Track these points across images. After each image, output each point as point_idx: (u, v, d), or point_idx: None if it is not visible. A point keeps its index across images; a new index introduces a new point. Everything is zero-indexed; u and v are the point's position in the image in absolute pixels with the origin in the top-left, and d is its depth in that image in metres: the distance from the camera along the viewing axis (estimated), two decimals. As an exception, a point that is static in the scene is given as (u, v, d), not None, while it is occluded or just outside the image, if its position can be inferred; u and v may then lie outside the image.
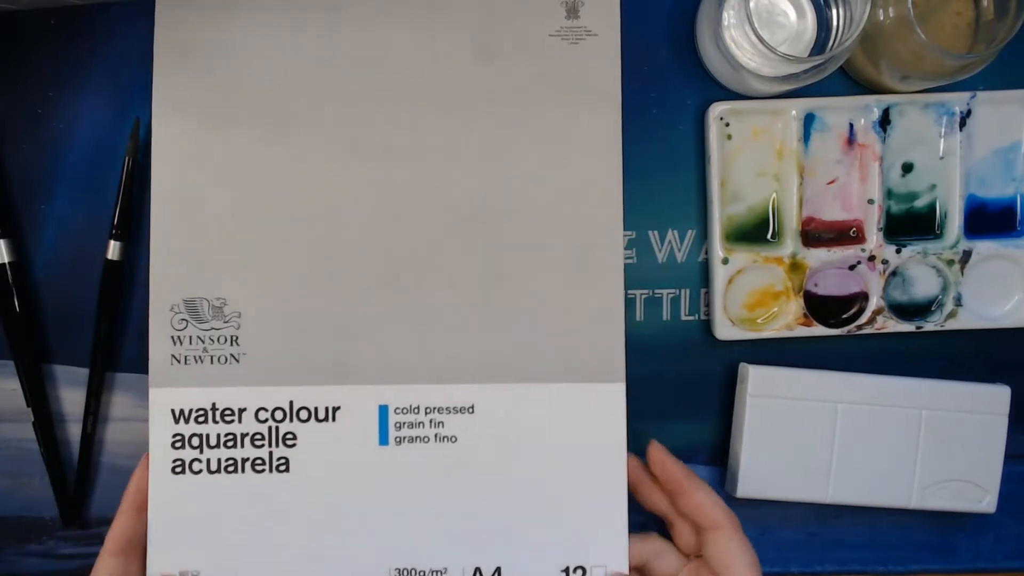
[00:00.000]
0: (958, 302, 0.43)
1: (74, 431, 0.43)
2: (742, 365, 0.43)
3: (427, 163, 0.40)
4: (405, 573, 0.39)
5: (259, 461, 0.39)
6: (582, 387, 0.40)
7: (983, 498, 0.43)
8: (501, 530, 0.39)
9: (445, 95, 0.40)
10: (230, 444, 0.39)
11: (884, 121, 0.42)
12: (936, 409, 0.43)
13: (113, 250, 0.41)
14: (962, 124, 0.43)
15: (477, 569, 0.40)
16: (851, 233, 0.43)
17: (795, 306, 0.43)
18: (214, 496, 0.39)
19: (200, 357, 0.39)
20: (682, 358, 0.44)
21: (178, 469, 0.38)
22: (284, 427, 0.39)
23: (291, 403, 0.39)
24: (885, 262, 0.43)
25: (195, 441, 0.38)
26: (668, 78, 0.43)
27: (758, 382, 0.42)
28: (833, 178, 0.43)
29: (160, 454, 0.38)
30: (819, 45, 0.41)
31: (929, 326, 0.43)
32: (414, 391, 0.39)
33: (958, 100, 0.42)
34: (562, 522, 0.40)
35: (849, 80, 0.43)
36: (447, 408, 0.39)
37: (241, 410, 0.39)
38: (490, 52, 0.40)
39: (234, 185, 0.39)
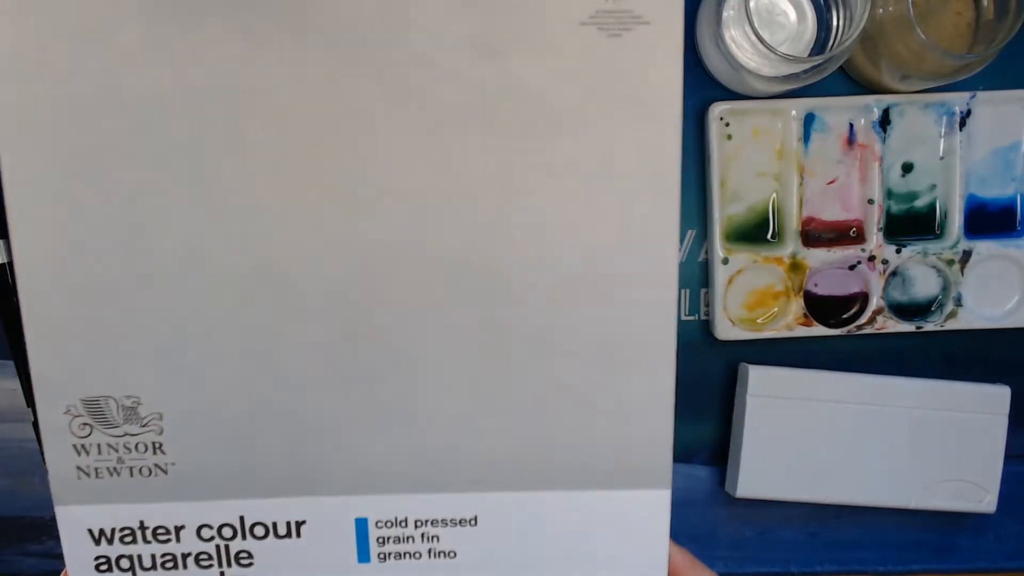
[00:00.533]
0: (958, 302, 0.43)
1: (74, 431, 0.43)
2: (742, 365, 0.43)
3: (407, 207, 0.29)
4: None
5: None
6: (615, 496, 0.31)
7: (983, 498, 0.43)
8: None
9: (429, 110, 0.28)
10: (169, 565, 0.31)
11: (884, 121, 0.42)
12: (936, 409, 0.43)
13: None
14: (962, 124, 0.43)
15: None
16: (851, 233, 0.43)
17: (795, 306, 0.43)
18: None
19: (116, 469, 0.30)
20: (682, 358, 0.44)
21: None
22: (236, 545, 0.31)
23: (241, 519, 0.31)
24: (885, 262, 0.43)
25: (124, 564, 0.31)
26: (668, 78, 0.43)
27: (758, 382, 0.42)
28: (833, 178, 0.43)
29: None
30: (819, 45, 0.41)
31: (929, 326, 0.43)
32: (399, 502, 0.31)
33: (958, 100, 0.42)
34: None
35: (849, 80, 0.43)
36: (443, 520, 0.32)
37: (178, 528, 0.31)
38: (493, 46, 0.28)
39: (130, 243, 0.28)
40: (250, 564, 0.32)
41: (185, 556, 0.31)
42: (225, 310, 0.29)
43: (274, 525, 0.31)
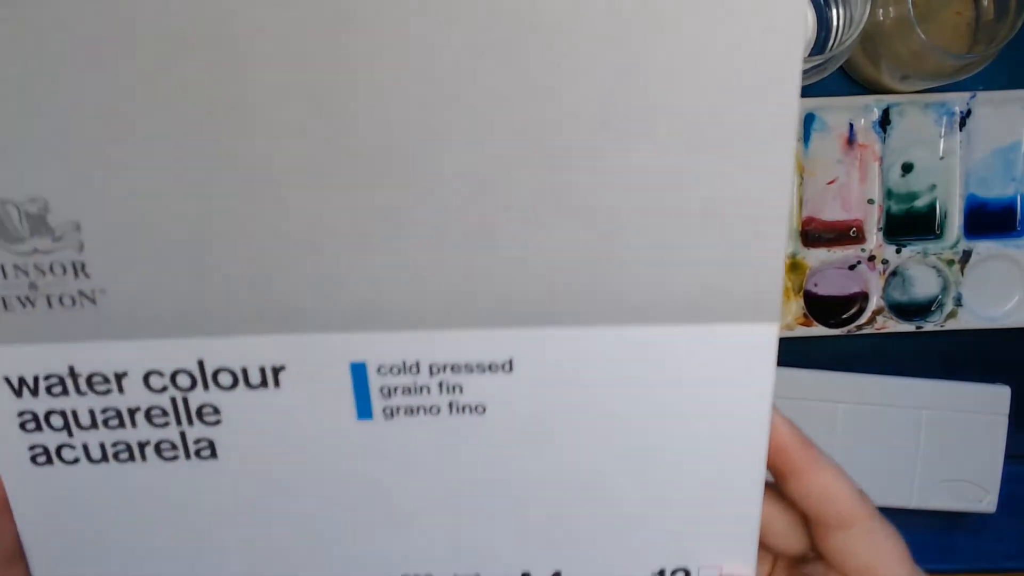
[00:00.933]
0: (958, 302, 0.43)
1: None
2: (742, 365, 0.43)
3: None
4: None
5: (167, 445, 0.24)
6: (707, 332, 0.23)
7: (983, 498, 0.43)
8: (561, 525, 0.25)
9: None
10: (113, 424, 0.24)
11: (884, 121, 0.42)
12: (936, 409, 0.43)
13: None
14: (962, 124, 0.43)
15: (525, 574, 0.26)
16: (851, 233, 0.43)
17: (795, 306, 0.43)
18: (107, 494, 0.25)
19: (29, 299, 0.23)
20: (682, 358, 0.44)
21: (41, 459, 0.25)
22: (196, 396, 0.24)
23: (200, 363, 0.23)
24: (885, 262, 0.43)
25: (56, 421, 0.24)
26: (668, 78, 0.43)
27: (758, 382, 0.42)
28: (833, 178, 0.43)
29: (6, 441, 0.24)
30: (819, 45, 0.41)
31: (929, 326, 0.43)
32: (407, 341, 0.23)
33: (958, 100, 0.42)
34: (656, 512, 0.25)
35: (849, 80, 0.43)
36: (467, 365, 0.23)
37: (119, 375, 0.24)
38: None
39: None
40: (217, 422, 0.24)
41: (132, 411, 0.24)
42: (157, 79, 0.20)
43: (244, 372, 0.24)
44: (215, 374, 0.24)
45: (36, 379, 0.24)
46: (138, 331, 0.23)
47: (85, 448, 0.25)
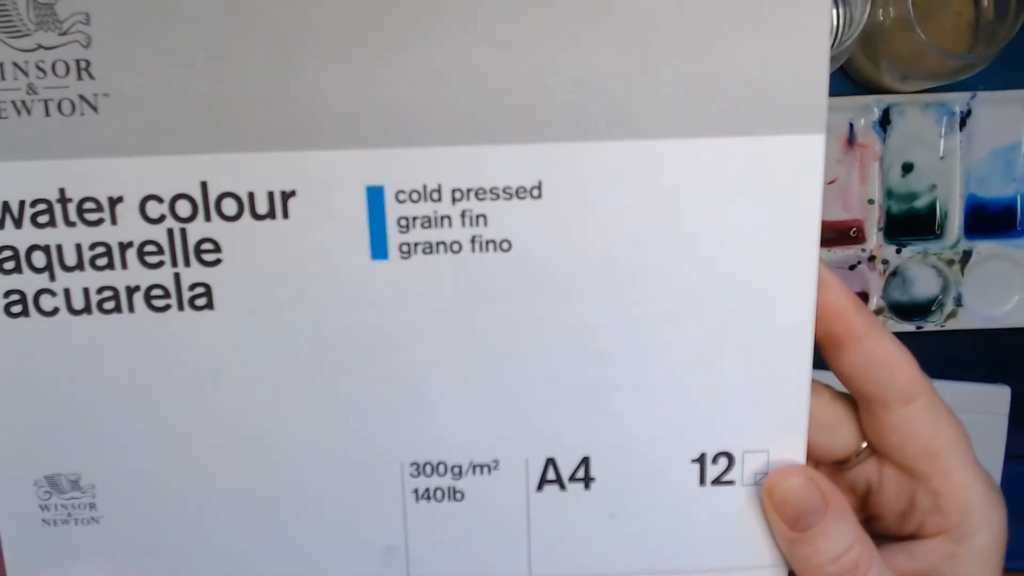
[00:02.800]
0: (958, 302, 0.43)
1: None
2: (742, 365, 0.43)
3: None
4: (427, 469, 0.23)
5: (158, 292, 0.21)
6: (747, 143, 0.20)
7: (983, 498, 0.43)
8: (589, 398, 0.22)
9: None
10: (102, 264, 0.21)
11: (884, 121, 0.42)
12: (936, 409, 0.43)
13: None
14: (962, 124, 0.43)
15: (550, 461, 0.23)
16: (851, 233, 0.43)
17: (795, 306, 0.43)
18: (86, 355, 0.22)
19: (25, 104, 0.21)
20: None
21: (16, 308, 0.21)
22: (196, 229, 0.21)
23: (204, 185, 0.21)
24: (885, 262, 0.43)
25: (38, 260, 0.21)
26: (668, 78, 0.43)
27: (758, 382, 0.42)
28: (833, 178, 0.43)
29: None
30: (819, 45, 0.41)
31: (929, 326, 0.43)
32: (429, 158, 0.21)
33: (958, 100, 0.42)
34: (695, 383, 0.22)
35: (849, 80, 0.43)
36: (491, 189, 0.21)
37: (114, 200, 0.21)
38: None
39: None
40: (217, 262, 0.21)
41: (124, 247, 0.21)
42: None
43: (250, 197, 0.21)
44: (218, 200, 0.21)
45: (22, 205, 0.21)
46: (138, 147, 0.21)
47: (67, 295, 0.21)
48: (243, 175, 0.21)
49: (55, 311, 0.21)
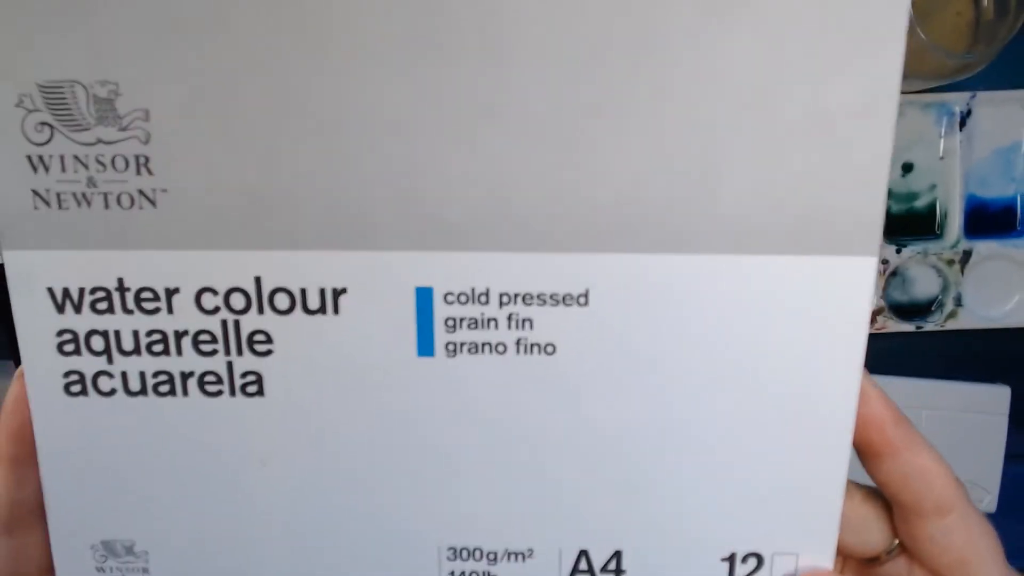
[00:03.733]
0: (958, 302, 0.43)
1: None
2: (742, 365, 0.43)
3: None
4: (464, 555, 0.23)
5: (211, 379, 0.22)
6: (802, 264, 0.21)
7: (983, 498, 0.43)
8: (625, 495, 0.23)
9: None
10: (158, 349, 0.22)
11: (884, 121, 0.42)
12: (936, 409, 0.43)
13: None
14: (962, 124, 0.43)
15: (583, 553, 0.23)
16: (851, 233, 0.43)
17: (795, 306, 0.43)
18: (142, 433, 0.23)
19: (85, 196, 0.21)
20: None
21: (75, 388, 0.22)
22: (249, 321, 0.22)
23: (258, 280, 0.22)
24: (885, 262, 0.43)
25: (97, 344, 0.22)
26: (668, 78, 0.43)
27: (758, 382, 0.42)
28: (833, 178, 0.43)
29: (40, 365, 0.22)
30: (819, 45, 0.41)
31: (929, 326, 0.43)
32: (478, 263, 0.21)
33: (958, 100, 0.42)
34: (730, 485, 0.22)
35: (849, 80, 0.43)
36: (539, 295, 0.21)
37: (171, 291, 0.22)
38: None
39: None
40: (268, 352, 0.22)
41: (180, 335, 0.22)
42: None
43: (303, 293, 0.22)
44: (271, 295, 0.22)
45: (82, 292, 0.22)
46: (195, 241, 0.22)
47: (124, 377, 0.22)
48: (295, 272, 0.21)
49: (112, 392, 0.22)
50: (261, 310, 0.22)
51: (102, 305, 0.22)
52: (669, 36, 0.19)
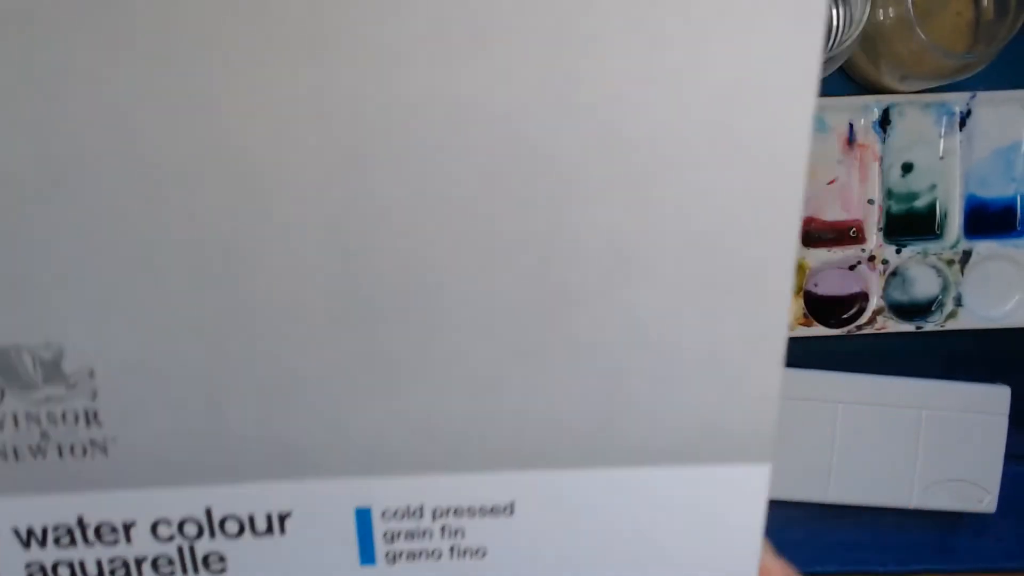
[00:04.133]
0: (958, 302, 0.43)
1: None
2: (742, 365, 0.43)
3: (422, 71, 0.20)
4: None
5: None
6: (700, 472, 0.23)
7: (983, 498, 0.43)
8: None
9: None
10: (119, 573, 0.24)
11: (884, 121, 0.42)
12: (936, 409, 0.43)
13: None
14: (962, 124, 0.43)
15: None
16: (851, 233, 0.43)
17: (795, 306, 0.43)
18: None
19: (40, 448, 0.23)
20: (682, 358, 0.44)
21: None
22: (203, 546, 0.24)
23: (208, 511, 0.24)
24: (885, 262, 0.43)
25: (63, 572, 0.24)
26: (668, 78, 0.43)
27: (758, 382, 0.42)
28: (833, 178, 0.43)
29: None
30: (819, 45, 0.41)
31: (929, 326, 0.43)
32: (411, 485, 0.24)
33: (958, 100, 0.42)
34: None
35: (849, 80, 0.43)
36: (468, 509, 0.24)
37: (127, 525, 0.24)
38: None
39: (43, 122, 0.20)
40: (222, 570, 0.24)
41: (140, 561, 0.24)
42: (170, 218, 0.21)
43: (250, 519, 0.23)
44: (222, 522, 0.24)
45: (44, 530, 0.24)
46: (147, 480, 0.23)
47: None
48: (243, 501, 0.23)
49: None
50: (213, 535, 0.24)
51: (65, 540, 0.24)
52: (578, 297, 0.21)
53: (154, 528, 0.24)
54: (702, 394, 0.22)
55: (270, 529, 0.24)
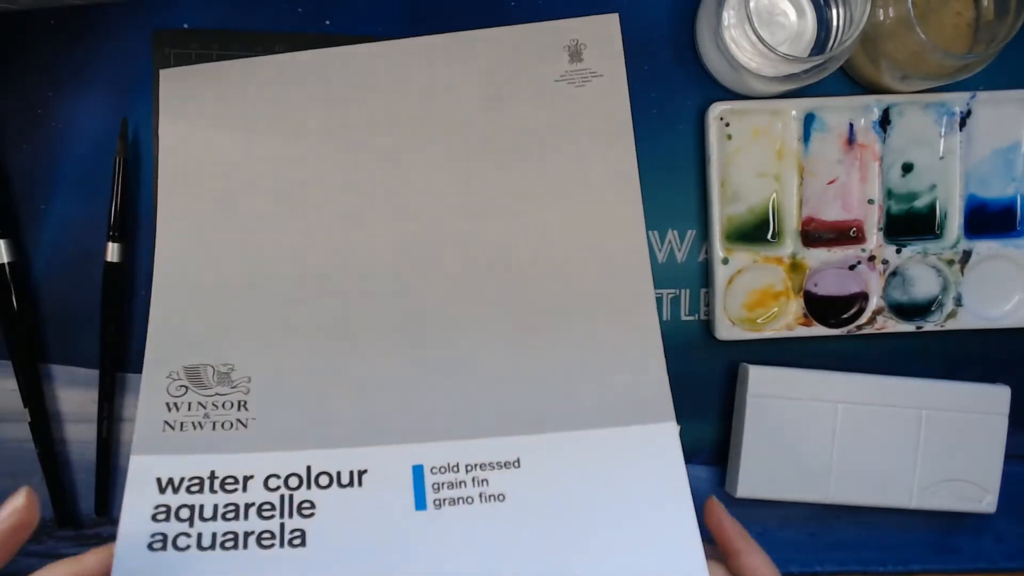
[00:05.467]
0: (958, 302, 0.43)
1: (73, 431, 0.43)
2: (742, 365, 0.43)
3: (443, 214, 0.39)
4: None
5: (267, 535, 0.32)
6: (631, 431, 0.36)
7: (983, 498, 0.43)
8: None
9: (456, 145, 0.39)
10: (230, 516, 0.32)
11: (884, 121, 0.42)
12: (936, 409, 0.43)
13: (112, 252, 0.41)
14: (962, 124, 0.43)
15: None
16: (851, 233, 0.43)
17: (795, 306, 0.43)
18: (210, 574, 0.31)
19: (200, 423, 0.34)
20: (682, 358, 0.44)
21: (157, 545, 0.31)
22: (300, 495, 0.33)
23: (308, 468, 0.34)
24: (885, 262, 0.43)
25: (184, 513, 0.32)
26: (668, 78, 0.43)
27: (758, 382, 0.42)
28: (833, 178, 0.43)
29: (133, 529, 0.31)
30: (819, 45, 0.41)
31: (929, 326, 0.43)
32: (451, 448, 0.35)
33: (958, 100, 0.42)
34: None
35: (849, 80, 0.43)
36: (490, 464, 0.35)
37: (247, 477, 0.33)
38: (498, 100, 0.40)
39: (243, 248, 0.38)
40: (311, 515, 0.32)
41: (248, 506, 0.32)
42: (306, 295, 0.37)
43: (338, 474, 0.33)
44: (317, 476, 0.34)
45: (182, 480, 0.32)
46: (269, 446, 0.34)
47: (199, 537, 0.31)
48: (335, 461, 0.34)
49: (187, 547, 0.31)
50: (309, 486, 0.33)
51: (195, 487, 0.32)
52: (545, 333, 0.39)
53: (267, 480, 0.33)
54: (620, 380, 0.37)
55: (351, 482, 0.34)
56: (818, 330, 0.43)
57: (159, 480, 0.32)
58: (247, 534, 0.31)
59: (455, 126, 0.39)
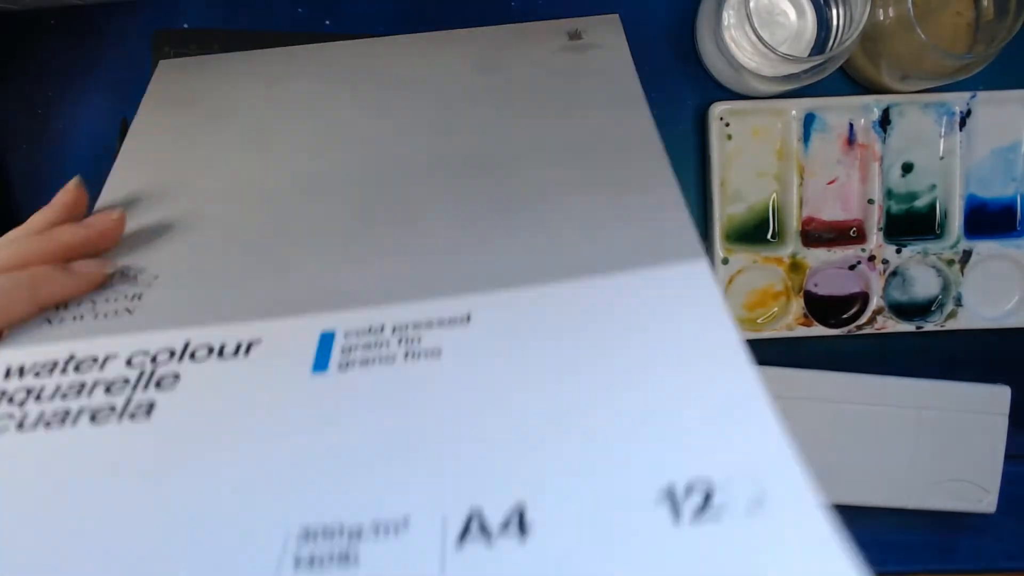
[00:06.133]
0: (958, 302, 0.43)
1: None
2: (742, 365, 0.43)
3: (425, 135, 0.35)
4: (319, 535, 0.19)
5: (106, 410, 0.25)
6: (655, 273, 0.25)
7: (983, 498, 0.43)
8: (521, 440, 0.21)
9: (448, 99, 0.37)
10: (70, 395, 0.25)
11: (884, 121, 0.42)
12: (936, 409, 0.43)
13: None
14: (962, 124, 0.43)
15: (473, 514, 0.19)
16: (851, 233, 0.43)
17: (795, 306, 0.43)
18: (22, 464, 0.24)
19: (82, 316, 0.28)
20: (682, 358, 0.44)
21: None
22: (165, 369, 0.25)
23: (187, 343, 0.26)
24: (885, 262, 0.43)
25: (19, 397, 0.25)
26: (668, 78, 0.43)
27: (758, 382, 0.42)
28: (833, 178, 0.43)
29: None
30: (819, 45, 0.41)
31: (929, 326, 0.43)
32: (379, 312, 0.26)
33: (958, 100, 0.42)
34: (651, 405, 0.22)
35: (849, 80, 0.43)
36: (427, 322, 0.25)
37: (110, 356, 0.26)
38: (495, 64, 0.38)
39: (207, 186, 0.34)
40: (171, 388, 0.25)
41: (96, 384, 0.25)
42: (253, 208, 0.32)
43: (222, 347, 0.26)
44: (194, 351, 0.26)
45: (34, 365, 0.26)
46: (150, 327, 0.27)
47: (23, 418, 0.24)
48: (221, 335, 0.26)
49: (4, 430, 0.24)
50: (180, 360, 0.26)
51: (44, 372, 0.26)
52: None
53: (130, 358, 0.26)
54: (614, 225, 0.28)
55: (236, 352, 0.26)
56: (818, 330, 0.43)
57: (8, 369, 0.26)
58: (81, 410, 0.25)
59: (447, 87, 0.38)
